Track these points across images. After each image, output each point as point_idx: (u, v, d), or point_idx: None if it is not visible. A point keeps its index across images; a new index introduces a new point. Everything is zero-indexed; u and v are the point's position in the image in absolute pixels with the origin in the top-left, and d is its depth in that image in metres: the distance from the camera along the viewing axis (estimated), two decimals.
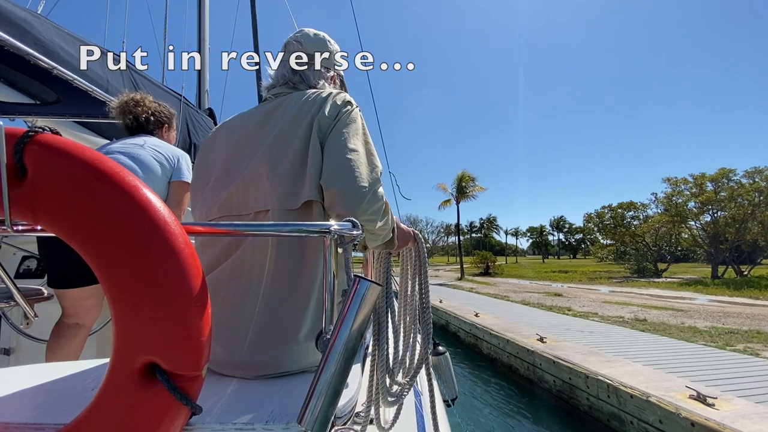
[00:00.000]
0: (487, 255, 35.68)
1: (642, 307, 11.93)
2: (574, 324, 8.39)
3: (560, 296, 15.21)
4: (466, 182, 29.12)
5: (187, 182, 1.95)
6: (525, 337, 6.91)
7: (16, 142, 0.49)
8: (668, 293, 17.82)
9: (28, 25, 1.75)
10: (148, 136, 2.02)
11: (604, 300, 13.96)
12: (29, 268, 2.40)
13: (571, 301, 13.31)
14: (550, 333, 7.26)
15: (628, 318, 9.42)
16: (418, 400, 1.50)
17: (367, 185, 0.87)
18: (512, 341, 6.81)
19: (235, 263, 0.92)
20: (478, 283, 24.20)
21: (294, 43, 1.14)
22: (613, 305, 12.33)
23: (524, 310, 10.83)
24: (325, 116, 0.93)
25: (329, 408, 0.56)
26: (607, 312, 10.67)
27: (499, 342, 7.29)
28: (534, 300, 13.55)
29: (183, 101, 3.04)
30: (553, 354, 5.72)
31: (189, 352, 0.49)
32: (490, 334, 7.71)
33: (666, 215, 25.96)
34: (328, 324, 0.67)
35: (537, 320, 8.93)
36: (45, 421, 0.63)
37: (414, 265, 1.23)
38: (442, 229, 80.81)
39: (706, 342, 6.68)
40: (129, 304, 0.48)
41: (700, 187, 24.18)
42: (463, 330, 9.28)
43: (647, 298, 15.39)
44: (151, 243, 0.48)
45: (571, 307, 11.69)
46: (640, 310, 10.99)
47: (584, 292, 17.44)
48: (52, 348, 1.73)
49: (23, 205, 0.49)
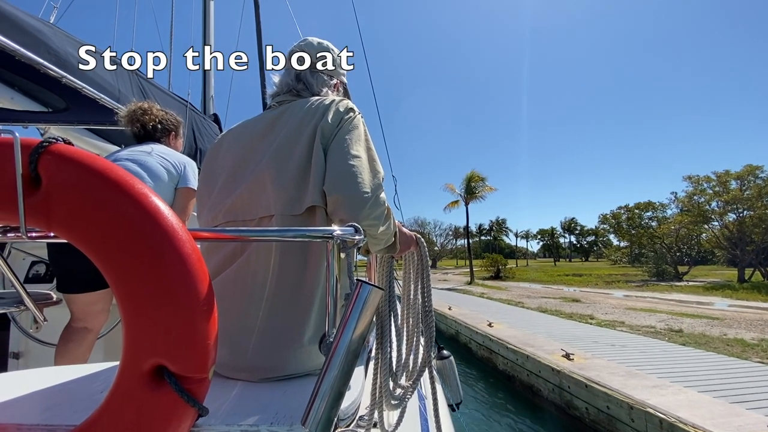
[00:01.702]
0: (498, 258, 34.38)
1: (671, 314, 10.90)
2: (601, 335, 7.44)
3: (579, 302, 14.20)
4: (475, 182, 28.05)
5: (193, 189, 1.97)
6: (548, 353, 6.01)
7: (31, 152, 0.50)
8: (693, 298, 16.68)
9: (41, 35, 1.81)
10: (155, 143, 2.04)
11: (627, 306, 12.93)
12: (38, 273, 2.42)
13: (592, 308, 12.31)
14: (577, 347, 6.35)
15: (660, 328, 8.44)
16: (422, 403, 1.50)
17: (370, 191, 0.90)
18: (533, 357, 5.92)
19: (240, 268, 0.94)
20: (489, 287, 23.14)
21: (298, 51, 1.15)
22: (639, 312, 11.31)
23: (542, 319, 9.88)
24: (328, 123, 0.95)
25: (332, 410, 0.57)
26: (635, 320, 9.68)
27: (517, 357, 6.40)
28: (551, 306, 12.57)
29: (189, 107, 3.09)
30: (584, 375, 4.82)
31: (196, 355, 0.49)
32: (506, 347, 6.82)
33: (688, 215, 24.59)
34: (331, 327, 0.68)
35: (558, 330, 8.00)
36: (56, 423, 0.65)
37: (416, 269, 1.26)
38: (451, 232, 79.52)
39: (761, 359, 5.72)
40: (139, 309, 0.49)
41: (724, 185, 22.80)
42: (475, 342, 8.38)
43: (673, 304, 14.30)
44: (160, 249, 0.49)
45: (593, 314, 10.71)
46: (671, 318, 9.98)
47: (603, 297, 16.37)
48: (61, 351, 1.76)
49: (37, 212, 0.51)
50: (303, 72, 1.13)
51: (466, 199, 28.64)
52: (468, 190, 28.28)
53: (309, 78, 1.13)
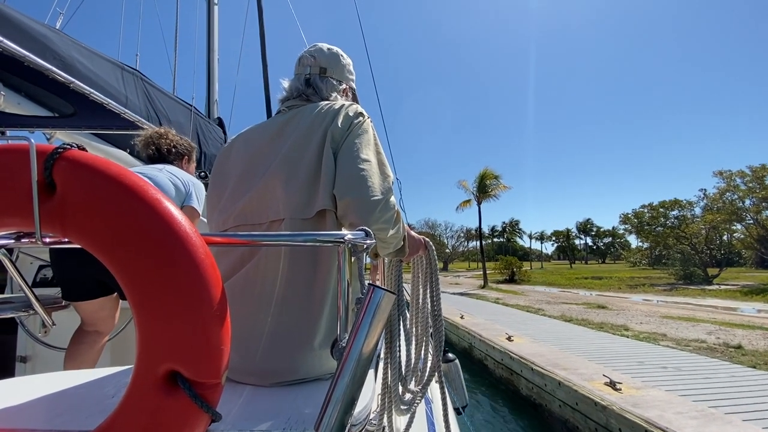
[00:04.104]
0: (513, 260, 32.72)
1: (717, 324, 9.53)
2: (646, 354, 6.19)
3: (605, 309, 12.84)
4: (488, 180, 26.65)
5: (197, 210, 1.99)
6: (586, 378, 4.82)
7: (46, 158, 0.50)
8: (733, 303, 15.14)
9: (48, 40, 1.82)
10: (167, 164, 2.08)
11: (662, 314, 11.55)
12: (46, 277, 2.48)
13: (623, 316, 10.97)
14: (620, 370, 5.15)
15: (713, 343, 7.14)
16: (429, 408, 1.53)
17: (380, 195, 0.90)
18: (567, 384, 4.73)
19: (249, 272, 0.94)
20: (504, 291, 21.72)
21: (308, 57, 1.16)
22: (678, 321, 9.95)
23: (569, 330, 8.62)
24: (338, 127, 0.95)
25: (345, 415, 0.57)
26: (677, 332, 8.36)
27: (545, 383, 5.21)
28: (575, 314, 11.27)
29: (193, 111, 3.11)
30: (642, 416, 3.63)
31: (210, 360, 0.49)
32: (531, 369, 5.64)
33: (722, 213, 22.77)
34: (343, 332, 0.67)
35: (591, 346, 6.76)
36: (68, 428, 0.65)
37: (425, 273, 1.27)
38: (463, 233, 77.75)
39: None
40: (152, 314, 0.49)
41: (760, 180, 21.04)
42: (492, 359, 7.19)
43: (712, 311, 12.85)
44: (174, 254, 0.49)
45: (627, 324, 9.40)
46: (720, 330, 8.63)
47: (630, 303, 14.94)
48: (72, 355, 1.79)
49: (52, 218, 0.51)
50: (313, 77, 1.14)
51: (478, 198, 27.16)
52: (481, 188, 26.81)
53: (319, 83, 1.14)
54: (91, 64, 2.07)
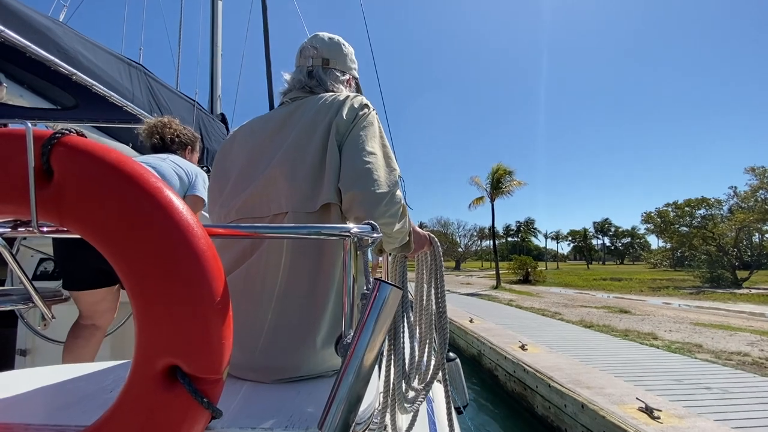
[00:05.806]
0: (527, 260, 31.51)
1: (757, 333, 8.56)
2: (683, 369, 5.36)
3: (628, 313, 11.90)
4: (501, 176, 25.60)
5: (201, 197, 1.97)
6: (614, 401, 4.07)
7: (43, 143, 0.49)
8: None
9: (51, 32, 1.81)
10: (171, 154, 2.07)
11: (692, 320, 10.57)
12: (46, 270, 2.44)
13: (648, 322, 10.05)
14: (655, 390, 4.37)
15: (757, 356, 6.25)
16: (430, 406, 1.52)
17: (386, 188, 0.89)
18: (593, 408, 3.99)
19: (250, 267, 0.92)
20: (518, 293, 20.74)
21: (309, 47, 1.13)
22: (712, 330, 9.00)
23: (591, 338, 7.78)
24: (342, 119, 0.94)
25: (350, 414, 0.55)
26: (714, 342, 7.46)
27: (565, 403, 4.47)
28: (596, 319, 10.39)
29: (196, 106, 3.15)
30: None
31: (210, 355, 0.48)
32: (548, 386, 4.89)
33: (755, 212, 21.28)
34: (348, 328, 0.65)
35: (617, 358, 5.95)
36: (66, 423, 0.63)
37: (430, 270, 1.25)
38: (475, 232, 76.28)
39: None
40: (151, 306, 0.48)
41: None
42: (503, 369, 6.44)
43: (747, 318, 11.76)
44: (175, 245, 0.48)
45: (655, 332, 8.52)
46: (762, 340, 7.68)
47: (654, 308, 13.89)
48: (69, 348, 1.78)
49: (49, 206, 0.49)
50: (315, 68, 1.11)
51: (491, 195, 26.12)
52: (494, 185, 25.78)
53: (321, 74, 1.11)
54: (94, 57, 2.05)
